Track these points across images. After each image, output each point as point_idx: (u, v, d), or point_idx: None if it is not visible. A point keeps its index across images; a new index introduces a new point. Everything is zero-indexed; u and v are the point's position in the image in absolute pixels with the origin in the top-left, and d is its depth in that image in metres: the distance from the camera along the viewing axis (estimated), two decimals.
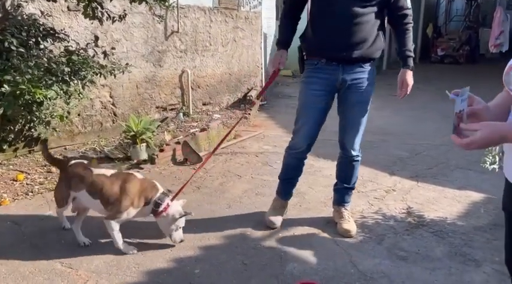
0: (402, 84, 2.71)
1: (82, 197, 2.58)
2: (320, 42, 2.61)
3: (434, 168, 4.15)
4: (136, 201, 2.50)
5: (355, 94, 2.68)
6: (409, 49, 2.70)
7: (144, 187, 2.54)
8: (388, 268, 2.49)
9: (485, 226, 3.00)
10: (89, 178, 2.53)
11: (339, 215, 2.93)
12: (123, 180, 2.52)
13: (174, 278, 2.37)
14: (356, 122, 2.75)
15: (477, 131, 1.28)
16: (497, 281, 2.36)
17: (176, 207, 2.56)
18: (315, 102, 2.70)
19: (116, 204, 2.48)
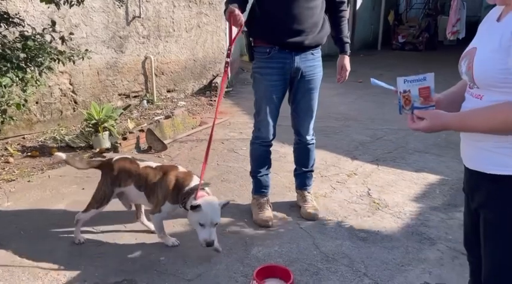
0: (341, 69, 2.81)
1: (130, 191, 2.51)
2: (272, 29, 2.58)
3: (394, 151, 4.30)
4: (171, 193, 2.38)
5: (308, 82, 2.75)
6: (345, 35, 2.82)
7: (181, 179, 2.40)
8: (349, 248, 2.59)
9: (440, 206, 3.15)
10: (136, 171, 2.47)
11: (302, 199, 3.00)
12: (164, 172, 2.44)
13: (139, 266, 2.37)
14: (310, 108, 2.83)
15: (424, 119, 1.38)
16: (450, 258, 2.50)
17: (208, 197, 2.34)
18: (273, 92, 2.73)
19: (155, 196, 2.42)
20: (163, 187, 2.38)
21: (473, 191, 1.55)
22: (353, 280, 2.29)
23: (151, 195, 2.43)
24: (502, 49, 1.27)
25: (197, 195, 2.30)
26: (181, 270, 2.35)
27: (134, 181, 2.46)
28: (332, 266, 2.41)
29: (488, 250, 1.51)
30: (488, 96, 1.37)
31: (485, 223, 1.48)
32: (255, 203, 2.91)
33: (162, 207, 2.40)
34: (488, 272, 1.53)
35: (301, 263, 2.42)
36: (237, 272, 2.34)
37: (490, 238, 1.48)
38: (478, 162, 1.46)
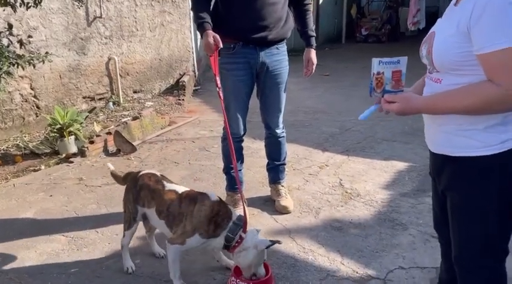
0: (308, 62, 2.83)
1: (151, 215, 2.20)
2: (236, 25, 2.57)
3: (363, 141, 4.38)
4: (204, 227, 2.04)
5: (275, 77, 2.77)
6: (311, 29, 2.85)
7: (216, 211, 2.06)
8: (324, 239, 2.62)
9: (409, 192, 3.23)
10: (160, 194, 2.16)
11: (276, 193, 3.01)
12: (193, 199, 2.09)
13: (113, 271, 2.32)
14: (278, 102, 2.85)
15: (395, 103, 1.40)
16: (422, 242, 2.57)
17: (254, 237, 2.05)
18: (241, 87, 2.73)
19: (181, 227, 2.07)
20: (196, 218, 2.04)
21: (439, 174, 1.60)
22: (330, 269, 2.32)
23: (174, 224, 2.09)
24: (459, 32, 1.31)
25: (245, 226, 2.05)
26: (158, 272, 2.32)
27: (156, 204, 2.15)
28: (309, 257, 2.43)
29: (455, 230, 1.56)
30: (446, 79, 1.41)
31: (451, 205, 1.53)
32: (230, 200, 2.90)
33: (188, 239, 2.03)
34: (457, 252, 1.58)
35: (278, 257, 2.43)
36: (215, 270, 2.32)
37: (457, 218, 1.54)
38: (441, 145, 1.50)
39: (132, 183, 2.25)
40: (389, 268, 2.32)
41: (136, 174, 2.30)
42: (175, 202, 2.11)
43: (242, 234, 2.04)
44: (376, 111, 1.58)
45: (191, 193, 2.16)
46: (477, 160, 1.40)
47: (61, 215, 2.94)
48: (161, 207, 2.13)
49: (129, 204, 2.24)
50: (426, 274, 2.28)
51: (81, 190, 3.34)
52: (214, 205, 2.07)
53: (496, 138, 1.36)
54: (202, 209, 2.05)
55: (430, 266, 2.33)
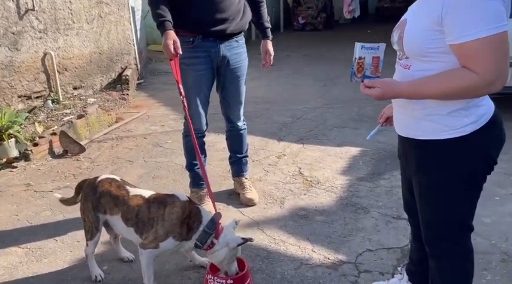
0: (266, 54, 2.84)
1: (115, 222, 2.09)
2: (195, 17, 2.52)
3: (315, 129, 4.48)
4: (177, 230, 1.98)
5: (235, 70, 2.75)
6: (266, 20, 2.87)
7: (188, 213, 2.01)
8: (292, 228, 2.66)
9: (366, 176, 3.36)
10: (124, 200, 2.04)
11: (240, 186, 3.00)
12: (163, 203, 2.01)
13: (80, 280, 2.21)
14: (239, 95, 2.84)
15: (376, 88, 1.44)
16: (384, 223, 2.69)
17: (228, 236, 2.02)
18: (202, 82, 2.68)
19: (152, 232, 1.98)
20: (168, 221, 1.97)
21: (407, 157, 1.68)
22: (303, 257, 2.37)
23: (145, 230, 2.01)
24: (430, 21, 1.37)
25: (218, 231, 2.01)
26: (129, 276, 2.23)
27: (122, 211, 2.05)
28: (281, 247, 2.46)
29: (423, 211, 1.65)
30: (415, 65, 1.47)
31: (419, 186, 1.62)
32: (195, 196, 2.85)
33: (161, 243, 1.98)
34: (426, 232, 1.67)
35: (250, 250, 2.43)
36: (188, 269, 2.28)
37: (424, 199, 1.62)
38: (409, 129, 1.58)
39: (90, 190, 2.12)
40: (358, 252, 2.41)
41: (94, 180, 2.16)
42: (144, 207, 2.02)
43: (214, 240, 2.01)
44: (380, 129, 1.83)
45: (159, 196, 2.08)
46: (442, 143, 1.48)
47: (12, 226, 2.73)
48: (128, 214, 2.03)
49: (88, 213, 2.11)
50: (392, 254, 2.39)
51: (31, 197, 3.11)
52: (185, 205, 2.02)
53: (459, 122, 1.45)
54: (174, 211, 1.99)
55: (395, 246, 2.45)
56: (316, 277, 2.20)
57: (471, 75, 1.31)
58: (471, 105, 1.44)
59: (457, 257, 1.66)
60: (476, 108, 1.45)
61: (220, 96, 2.85)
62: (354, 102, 5.10)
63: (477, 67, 1.30)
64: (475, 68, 1.30)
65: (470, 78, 1.31)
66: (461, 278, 1.69)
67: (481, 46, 1.28)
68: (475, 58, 1.30)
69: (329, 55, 8.37)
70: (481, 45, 1.28)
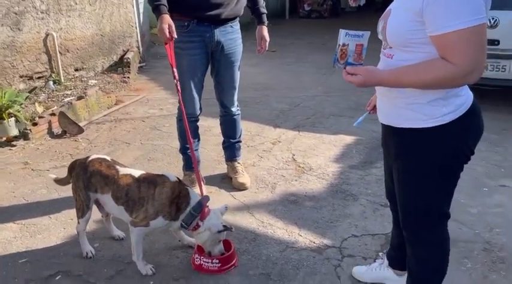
0: (261, 40, 2.86)
1: (106, 201, 2.15)
2: (191, 2, 2.53)
3: (312, 117, 4.51)
4: (167, 209, 2.04)
5: (229, 55, 2.77)
6: (262, 6, 2.87)
7: (178, 193, 2.07)
8: (281, 212, 2.72)
9: (358, 164, 3.41)
10: (114, 179, 2.09)
11: (233, 171, 3.06)
12: (153, 183, 2.06)
13: (72, 256, 2.28)
14: (233, 80, 2.86)
15: (358, 75, 1.47)
16: (372, 211, 2.74)
17: (213, 220, 2.08)
18: (197, 66, 2.71)
19: (142, 211, 2.04)
20: (157, 201, 2.03)
21: (387, 144, 1.73)
22: (289, 241, 2.43)
23: (135, 209, 2.06)
24: (412, 12, 1.40)
25: (204, 213, 2.08)
26: (119, 254, 2.30)
27: (112, 190, 2.10)
28: (268, 230, 2.52)
29: (400, 196, 1.70)
30: (397, 55, 1.50)
31: (397, 173, 1.67)
32: (187, 179, 2.90)
33: (151, 222, 2.04)
34: (403, 217, 1.73)
35: (238, 232, 2.49)
36: (177, 248, 2.34)
37: (402, 185, 1.67)
38: (390, 117, 1.62)
39: (81, 170, 2.17)
40: (343, 237, 2.47)
41: (84, 160, 2.22)
42: (134, 186, 2.08)
43: (199, 222, 2.07)
44: (367, 117, 1.85)
45: (149, 176, 2.14)
46: (421, 131, 1.52)
47: (9, 202, 2.80)
48: (118, 193, 2.09)
49: (79, 192, 2.17)
50: (377, 240, 2.45)
51: (28, 175, 3.19)
52: (175, 186, 2.08)
53: (438, 111, 1.48)
54: (164, 191, 2.05)
55: (380, 232, 2.51)
56: (300, 260, 2.26)
57: (449, 66, 1.34)
58: (450, 95, 1.47)
59: (432, 245, 1.71)
60: (455, 97, 1.48)
61: (214, 80, 2.88)
62: (352, 91, 5.11)
63: (455, 58, 1.33)
64: (453, 59, 1.33)
65: (448, 69, 1.34)
66: (436, 265, 1.74)
67: (458, 38, 1.31)
68: (453, 49, 1.33)
69: (332, 43, 8.31)
70: (459, 37, 1.31)
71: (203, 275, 2.14)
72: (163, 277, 2.12)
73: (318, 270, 2.19)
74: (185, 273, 2.15)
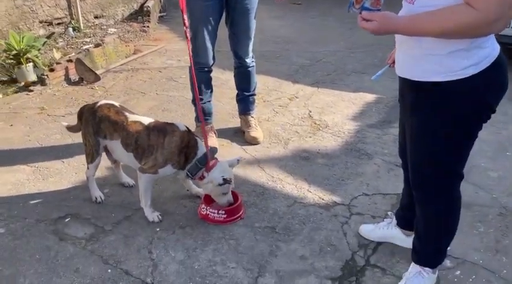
0: None
1: (115, 147, 2.13)
2: None
3: (333, 73, 4.36)
4: (175, 158, 2.04)
5: (245, 2, 2.64)
6: None
7: (187, 143, 2.05)
8: (292, 168, 2.68)
9: (376, 123, 3.30)
10: (124, 125, 2.07)
11: (246, 124, 3.01)
12: (162, 131, 2.04)
13: (82, 200, 2.31)
14: (248, 29, 2.75)
15: (373, 21, 1.36)
16: (385, 170, 2.67)
17: (215, 173, 2.06)
18: (210, 13, 2.60)
19: (151, 159, 2.04)
20: (167, 149, 2.01)
21: (404, 98, 1.63)
22: (297, 196, 2.40)
23: (144, 156, 2.06)
24: None
25: (209, 165, 2.06)
26: (128, 200, 2.33)
27: (121, 137, 2.08)
28: (277, 185, 2.49)
29: (412, 153, 1.63)
30: (419, 1, 1.38)
31: (411, 128, 1.59)
32: (199, 131, 2.87)
33: (160, 170, 2.04)
34: (413, 174, 1.66)
35: (247, 185, 2.48)
36: (185, 198, 2.35)
37: (414, 141, 1.59)
38: (407, 69, 1.51)
39: (90, 115, 2.16)
40: (353, 195, 2.42)
41: (93, 105, 2.20)
42: (143, 134, 2.06)
43: (205, 173, 2.07)
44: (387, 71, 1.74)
45: (159, 124, 2.11)
46: (439, 85, 1.41)
47: (23, 145, 2.85)
48: (128, 140, 2.08)
49: (89, 137, 2.17)
50: (388, 200, 2.39)
51: (44, 120, 3.22)
52: (184, 135, 2.06)
53: (459, 63, 1.37)
54: (173, 140, 2.03)
55: (392, 192, 2.45)
56: (307, 215, 2.24)
57: (472, 12, 1.22)
58: (473, 46, 1.35)
59: (442, 204, 1.65)
60: (479, 49, 1.36)
61: (229, 30, 2.77)
62: (377, 47, 4.90)
63: (479, 3, 1.20)
64: (477, 5, 1.20)
65: (470, 14, 1.22)
66: (444, 226, 1.69)
67: None
68: None
69: None
70: None
71: (209, 224, 2.14)
72: (169, 225, 2.13)
73: (324, 226, 2.16)
74: (191, 222, 2.16)
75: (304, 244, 2.04)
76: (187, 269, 1.86)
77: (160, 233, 2.07)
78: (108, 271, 1.83)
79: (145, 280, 1.80)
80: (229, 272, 1.86)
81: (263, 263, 1.92)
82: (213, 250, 1.98)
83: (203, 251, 1.97)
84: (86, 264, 1.87)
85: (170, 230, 2.10)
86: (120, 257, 1.91)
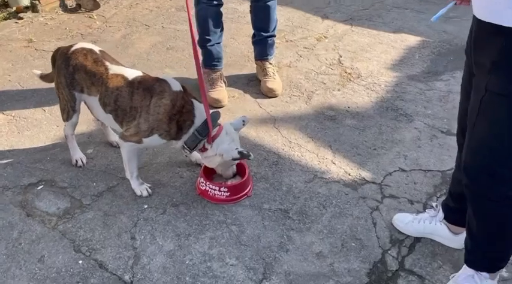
0: None
1: (92, 104, 1.74)
2: None
3: (370, 8, 3.70)
4: (164, 127, 1.61)
5: None
6: None
7: (179, 108, 1.61)
8: (314, 130, 2.22)
9: (419, 74, 2.75)
10: (102, 78, 1.65)
11: (262, 72, 2.52)
12: (149, 90, 1.60)
13: (59, 162, 1.96)
14: None
15: None
16: (428, 138, 2.19)
17: (225, 144, 1.63)
18: None
19: (134, 125, 1.63)
20: (153, 115, 1.59)
21: (479, 51, 1.17)
22: (318, 169, 1.97)
23: (125, 121, 1.65)
24: None
25: (211, 137, 1.63)
26: (114, 165, 1.95)
27: (99, 93, 1.67)
28: (294, 153, 2.06)
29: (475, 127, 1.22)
30: None
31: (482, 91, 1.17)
32: (206, 78, 2.41)
33: (145, 139, 1.63)
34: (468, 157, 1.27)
35: (259, 151, 2.06)
36: (182, 165, 1.96)
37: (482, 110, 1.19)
38: (492, 10, 1.09)
39: (62, 62, 1.71)
40: (387, 170, 1.98)
41: (67, 49, 1.74)
42: (125, 92, 1.63)
43: (206, 145, 1.65)
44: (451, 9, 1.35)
45: (145, 80, 1.66)
46: None
47: (2, 87, 2.45)
48: (106, 98, 1.65)
49: (62, 89, 1.75)
50: (430, 178, 1.95)
51: (30, 56, 2.79)
52: (177, 97, 1.61)
53: None
54: (162, 104, 1.59)
55: (435, 169, 1.99)
56: (329, 196, 1.83)
57: None
58: None
59: (497, 200, 1.25)
60: None
61: None
62: None
63: None
64: None
65: None
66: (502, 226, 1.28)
67: None
68: None
69: None
70: None
71: (208, 203, 1.77)
72: (160, 201, 1.76)
73: (349, 211, 1.76)
74: (187, 198, 1.79)
75: (323, 236, 1.65)
76: (176, 265, 1.51)
77: (148, 212, 1.71)
78: (78, 262, 1.50)
79: (122, 276, 1.47)
80: (227, 272, 1.50)
81: (270, 260, 1.55)
82: (210, 239, 1.61)
83: (198, 239, 1.61)
84: (53, 251, 1.54)
85: (160, 209, 1.73)
86: (96, 244, 1.57)
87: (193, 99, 1.66)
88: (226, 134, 1.65)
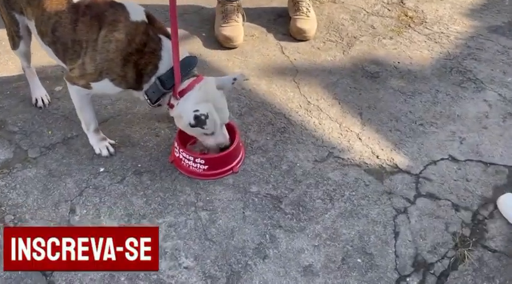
0: None
1: (34, 31, 1.39)
2: None
3: None
4: (116, 70, 1.23)
5: None
6: None
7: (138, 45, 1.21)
8: (345, 90, 1.70)
9: (504, 26, 2.09)
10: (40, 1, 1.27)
11: (294, 7, 1.98)
12: (99, 19, 1.21)
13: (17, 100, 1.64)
14: None
15: None
16: (499, 116, 1.62)
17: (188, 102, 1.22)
18: None
19: (78, 65, 1.26)
20: (101, 53, 1.20)
21: None
22: (336, 144, 1.49)
23: (67, 58, 1.28)
24: None
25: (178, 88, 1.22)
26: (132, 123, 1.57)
27: (35, 17, 1.29)
28: (311, 119, 1.58)
29: None
30: None
31: None
32: (220, 10, 1.93)
33: (93, 84, 1.25)
34: None
35: (263, 112, 1.60)
36: (163, 120, 1.55)
37: None
38: None
39: None
40: (432, 157, 1.46)
41: None
42: (66, 19, 1.23)
43: (173, 100, 1.24)
44: None
45: (96, 4, 1.23)
46: None
47: None
48: (43, 26, 1.27)
49: (1, 7, 1.38)
50: (491, 175, 1.42)
51: None
52: (136, 31, 1.20)
53: None
54: (113, 38, 1.19)
55: (501, 163, 1.45)
56: (341, 184, 1.36)
57: None
58: None
59: None
60: None
61: None
62: None
63: None
64: None
65: None
66: None
67: None
68: None
69: None
70: None
71: (180, 175, 1.37)
72: (121, 165, 1.40)
73: (364, 211, 1.29)
74: (156, 165, 1.40)
75: (320, 243, 1.21)
76: None
77: (102, 178, 1.35)
78: None
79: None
80: (176, 277, 1.13)
81: (239, 268, 1.15)
82: (168, 226, 1.24)
83: (152, 224, 1.23)
84: None
85: (118, 175, 1.36)
86: (26, 212, 1.25)
87: (162, 35, 1.21)
88: (199, 90, 1.20)
